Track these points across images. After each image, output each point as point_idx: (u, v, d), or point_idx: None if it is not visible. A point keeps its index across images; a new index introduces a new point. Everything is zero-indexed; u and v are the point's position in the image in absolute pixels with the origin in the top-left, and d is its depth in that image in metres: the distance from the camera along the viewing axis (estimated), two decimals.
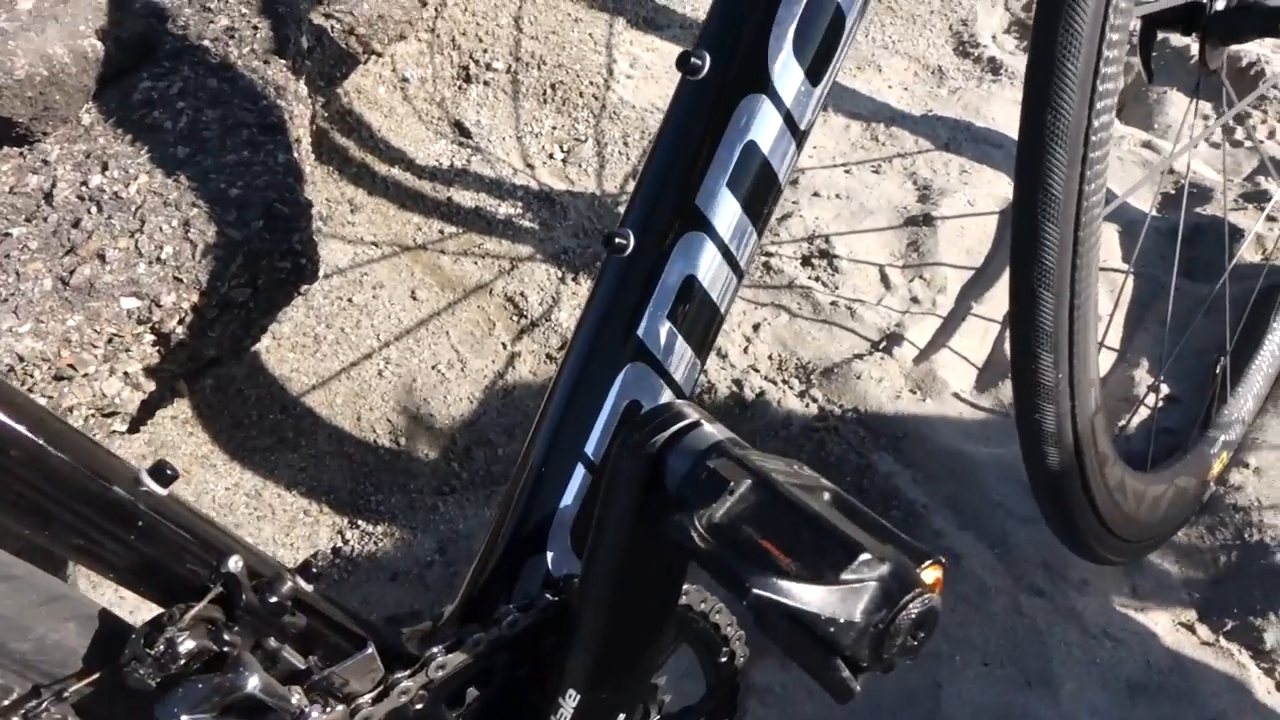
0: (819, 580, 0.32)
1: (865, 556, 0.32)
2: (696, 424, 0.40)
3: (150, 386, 0.72)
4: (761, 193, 0.47)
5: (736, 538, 0.34)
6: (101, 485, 0.37)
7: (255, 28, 0.85)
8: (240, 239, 0.69)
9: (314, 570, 0.45)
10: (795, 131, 0.47)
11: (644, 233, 0.47)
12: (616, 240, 0.47)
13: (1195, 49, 0.87)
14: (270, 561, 0.44)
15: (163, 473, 0.39)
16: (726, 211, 0.46)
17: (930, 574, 0.34)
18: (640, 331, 0.47)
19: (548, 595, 0.47)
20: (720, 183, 0.46)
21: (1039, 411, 0.59)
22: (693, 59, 0.45)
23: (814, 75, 0.46)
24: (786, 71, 0.45)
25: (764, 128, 0.46)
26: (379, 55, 1.11)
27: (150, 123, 0.77)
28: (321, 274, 1.11)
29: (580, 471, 0.49)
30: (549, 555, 0.51)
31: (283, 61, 0.83)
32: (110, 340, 0.67)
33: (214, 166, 0.73)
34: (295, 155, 0.75)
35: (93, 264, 0.67)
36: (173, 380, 0.74)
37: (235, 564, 0.40)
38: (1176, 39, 1.52)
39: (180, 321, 0.69)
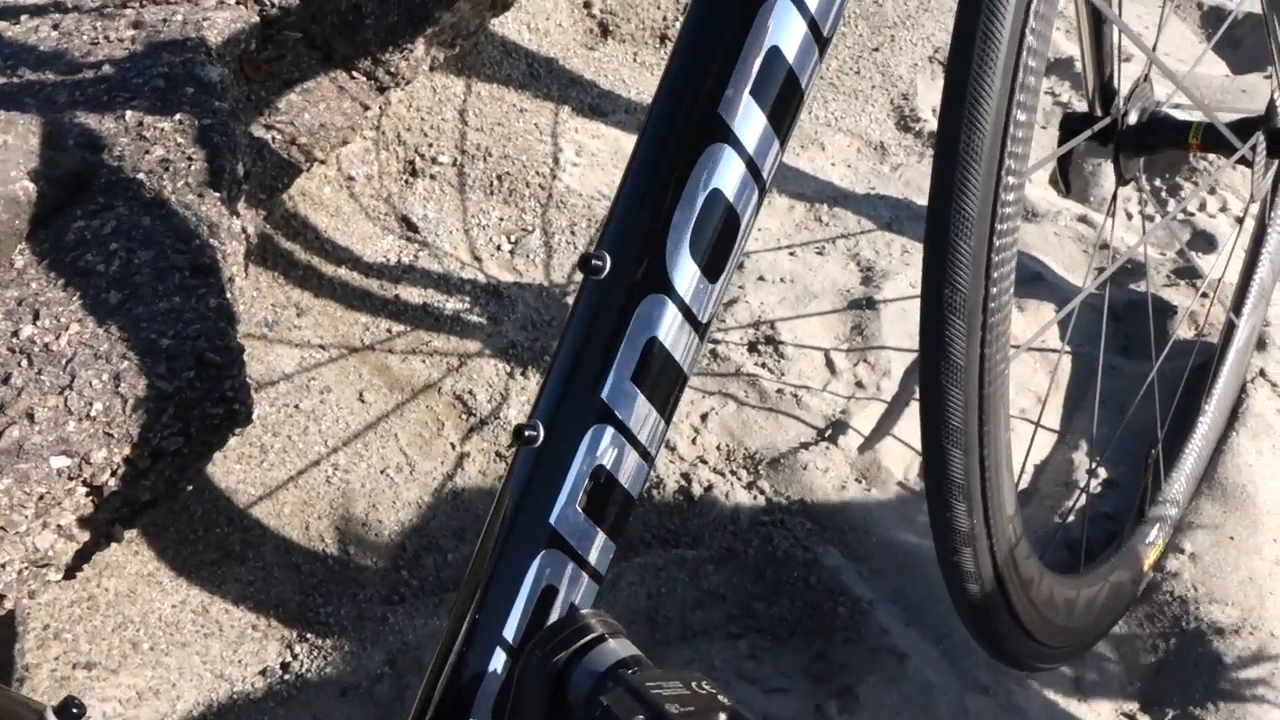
0: None
1: None
2: (600, 639, 0.41)
3: (84, 536, 0.72)
4: (666, 385, 0.48)
5: None
6: None
7: (190, 159, 0.86)
8: (171, 390, 0.70)
9: None
10: (696, 325, 0.48)
11: (553, 425, 0.48)
12: (527, 433, 0.48)
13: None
14: None
15: (69, 710, 0.39)
16: (632, 404, 0.48)
17: None
18: (553, 520, 0.48)
19: None
20: (625, 378, 0.47)
21: (957, 555, 0.60)
22: (594, 260, 0.47)
23: (711, 273, 0.48)
24: (684, 271, 0.47)
25: (665, 324, 0.47)
26: (322, 162, 1.12)
27: (83, 266, 0.77)
28: (268, 380, 1.12)
29: (500, 655, 0.50)
30: None
31: (216, 194, 0.84)
32: (41, 498, 0.67)
33: (145, 314, 0.73)
34: (228, 297, 0.76)
35: (22, 424, 0.67)
36: (108, 526, 0.74)
37: None
38: None
39: (113, 474, 0.69)
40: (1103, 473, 1.12)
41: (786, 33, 0.45)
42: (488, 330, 1.22)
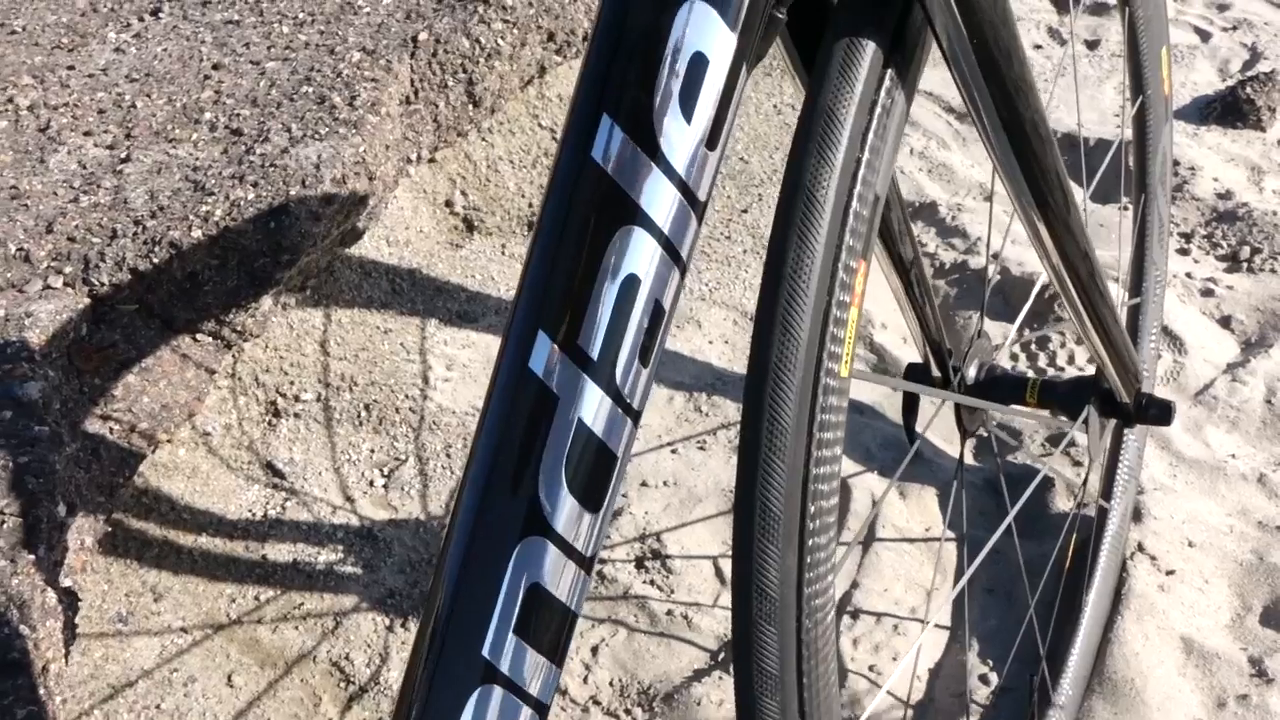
0: None
1: None
2: None
3: None
4: None
5: None
6: None
7: (3, 514, 0.81)
8: None
9: None
10: None
11: None
12: None
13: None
14: None
15: None
16: None
17: None
18: None
19: None
20: None
21: None
22: None
23: None
24: None
25: None
26: (168, 442, 1.08)
27: None
28: (125, 683, 1.05)
29: None
30: None
31: (32, 557, 0.79)
32: None
33: None
34: (39, 695, 0.71)
35: None
36: None
37: None
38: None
39: None
40: (994, 678, 1.11)
41: (544, 567, 0.43)
42: (364, 580, 1.18)
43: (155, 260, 1.08)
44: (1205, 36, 2.06)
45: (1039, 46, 2.06)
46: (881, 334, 1.49)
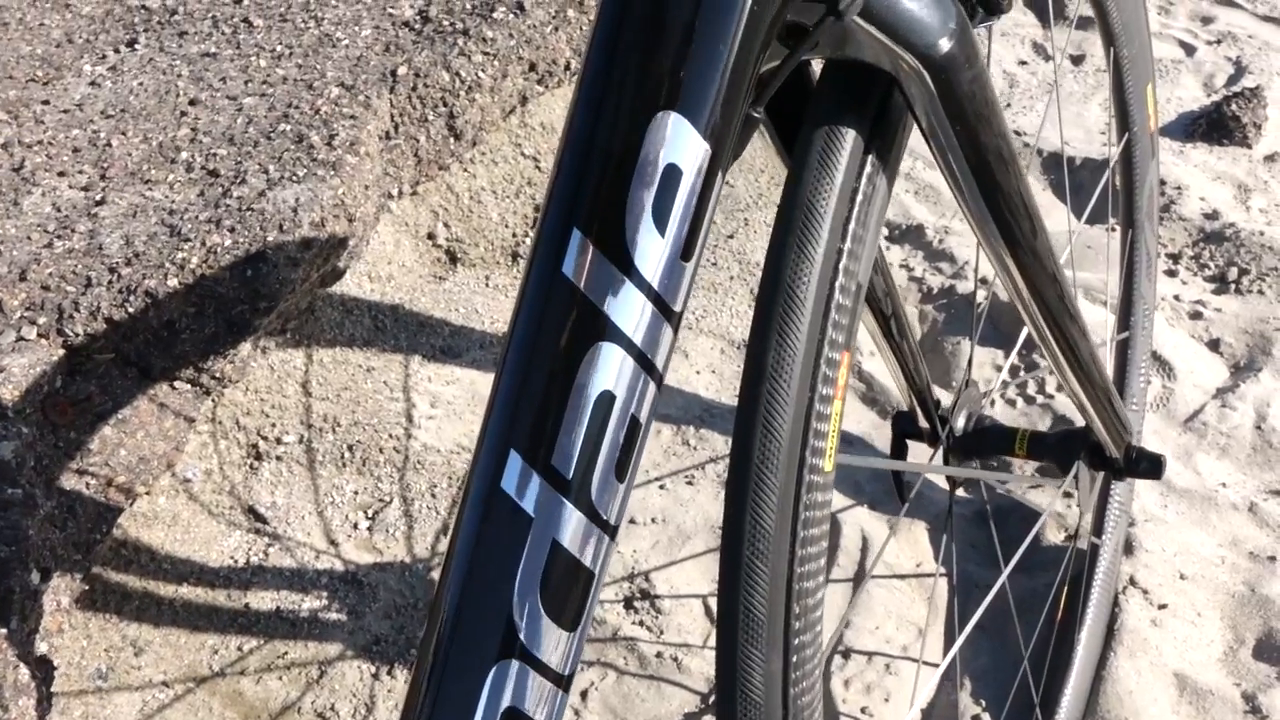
0: None
1: None
2: None
3: None
4: None
5: None
6: None
7: None
8: None
9: None
10: None
11: None
12: None
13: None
14: None
15: None
16: None
17: None
18: None
19: None
20: None
21: None
22: None
23: None
24: None
25: None
26: (147, 493, 1.06)
27: None
28: None
29: None
30: None
31: (3, 631, 0.77)
32: None
33: None
34: None
35: None
36: None
37: None
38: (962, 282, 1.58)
39: None
40: (987, 718, 1.10)
41: (520, 691, 0.41)
42: (349, 627, 1.16)
43: (131, 309, 1.07)
44: (1190, 50, 2.05)
45: (1024, 63, 2.05)
46: (870, 362, 1.48)
